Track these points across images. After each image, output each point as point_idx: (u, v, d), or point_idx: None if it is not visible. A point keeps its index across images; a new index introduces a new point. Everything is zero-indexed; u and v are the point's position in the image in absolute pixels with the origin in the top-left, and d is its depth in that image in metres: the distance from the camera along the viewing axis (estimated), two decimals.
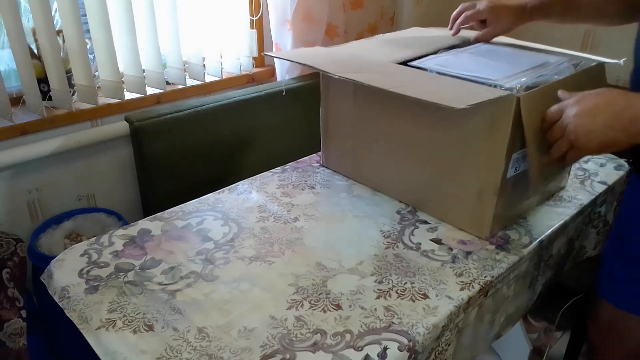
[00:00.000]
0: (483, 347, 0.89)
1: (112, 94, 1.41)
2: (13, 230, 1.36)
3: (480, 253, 0.88)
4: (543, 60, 0.96)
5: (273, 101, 1.57)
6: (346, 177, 1.13)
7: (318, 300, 0.77)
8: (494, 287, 0.84)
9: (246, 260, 0.86)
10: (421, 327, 0.72)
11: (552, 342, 1.59)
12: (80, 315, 0.75)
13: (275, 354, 0.68)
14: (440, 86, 0.85)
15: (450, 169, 0.92)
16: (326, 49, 1.04)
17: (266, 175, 1.14)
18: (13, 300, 1.15)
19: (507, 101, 0.79)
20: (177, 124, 1.37)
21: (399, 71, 0.94)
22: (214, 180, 1.30)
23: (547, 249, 0.96)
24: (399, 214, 0.99)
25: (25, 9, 1.27)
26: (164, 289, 0.79)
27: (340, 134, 1.10)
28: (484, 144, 0.85)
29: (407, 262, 0.86)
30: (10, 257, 1.19)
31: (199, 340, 0.70)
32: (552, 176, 0.99)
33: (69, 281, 0.81)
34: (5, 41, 1.26)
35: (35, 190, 1.38)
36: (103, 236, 0.92)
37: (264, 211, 1.00)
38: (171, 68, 1.53)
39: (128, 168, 1.52)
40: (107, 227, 1.40)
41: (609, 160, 1.21)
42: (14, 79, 1.34)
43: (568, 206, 1.03)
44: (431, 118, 0.91)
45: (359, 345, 0.69)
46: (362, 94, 1.01)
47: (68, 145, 1.36)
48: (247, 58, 1.67)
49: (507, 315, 0.92)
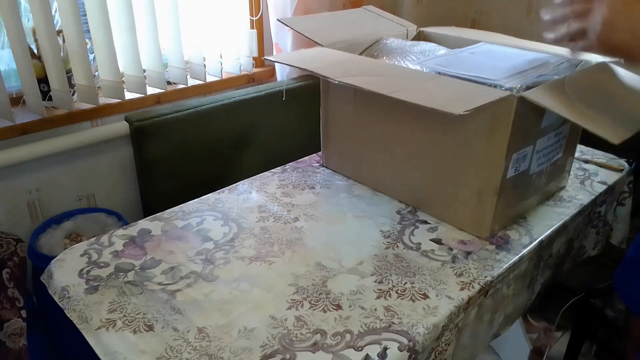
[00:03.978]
0: (482, 346, 0.89)
1: (112, 94, 1.41)
2: (13, 230, 1.36)
3: (480, 253, 0.88)
4: (543, 60, 0.96)
5: (273, 101, 1.57)
6: (346, 177, 1.13)
7: (318, 300, 0.77)
8: (494, 287, 0.84)
9: (246, 260, 0.86)
10: (421, 327, 0.72)
11: (552, 342, 1.59)
12: (80, 315, 0.75)
13: (275, 354, 0.68)
14: (439, 88, 0.85)
15: (450, 169, 0.92)
16: (327, 50, 1.03)
17: (266, 175, 1.14)
18: (13, 300, 1.15)
19: (507, 101, 0.79)
20: (177, 124, 1.37)
21: (398, 73, 0.94)
22: (214, 180, 1.30)
23: (546, 249, 0.96)
24: (399, 214, 0.99)
25: (25, 9, 1.27)
26: (164, 289, 0.79)
27: (341, 135, 1.10)
28: (484, 144, 0.85)
29: (407, 262, 0.86)
30: (10, 257, 1.19)
31: (199, 340, 0.70)
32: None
33: (69, 281, 0.81)
34: (5, 41, 1.26)
35: (35, 190, 1.38)
36: (103, 236, 0.92)
37: (264, 211, 1.00)
38: (172, 68, 1.53)
39: (128, 168, 1.52)
40: (107, 227, 1.40)
41: (609, 160, 1.21)
42: (14, 79, 1.34)
43: (568, 206, 1.03)
44: (431, 119, 0.91)
45: (359, 345, 0.69)
46: (361, 97, 1.01)
47: (68, 145, 1.36)
48: (247, 58, 1.67)
49: (506, 315, 0.92)
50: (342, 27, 1.15)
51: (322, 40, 1.06)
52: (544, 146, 0.93)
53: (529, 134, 0.88)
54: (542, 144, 0.92)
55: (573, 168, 1.13)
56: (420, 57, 1.02)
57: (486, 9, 2.05)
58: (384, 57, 1.06)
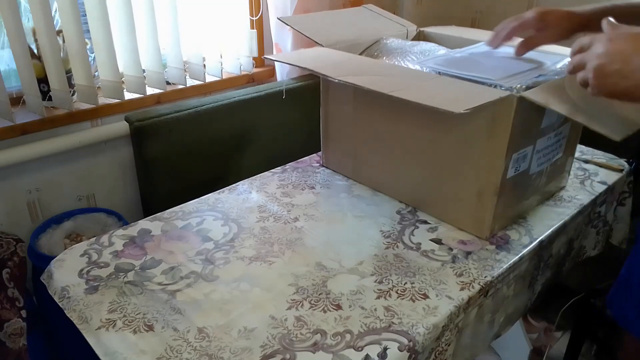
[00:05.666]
0: (482, 346, 0.89)
1: (112, 94, 1.41)
2: (13, 230, 1.36)
3: (480, 253, 0.88)
4: (542, 60, 0.96)
5: (273, 101, 1.57)
6: (346, 177, 1.13)
7: (318, 301, 0.77)
8: (494, 287, 0.84)
9: (246, 260, 0.86)
10: (421, 327, 0.72)
11: (552, 342, 1.59)
12: (80, 315, 0.75)
13: (275, 354, 0.68)
14: (439, 88, 0.85)
15: (450, 169, 0.92)
16: (327, 50, 1.04)
17: (266, 175, 1.14)
18: (13, 300, 1.15)
19: (507, 101, 0.79)
20: (177, 124, 1.37)
21: (398, 72, 0.94)
22: (214, 180, 1.30)
23: (547, 249, 0.96)
24: (399, 214, 0.99)
25: (25, 9, 1.27)
26: (164, 289, 0.79)
27: (341, 135, 1.10)
28: (484, 144, 0.85)
29: (407, 262, 0.86)
30: (10, 257, 1.19)
31: (199, 340, 0.70)
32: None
33: (69, 281, 0.81)
34: (5, 41, 1.26)
35: (35, 190, 1.38)
36: (103, 236, 0.92)
37: (264, 211, 1.00)
38: (171, 68, 1.53)
39: (128, 168, 1.52)
40: (107, 227, 1.40)
41: (609, 160, 1.21)
42: (14, 79, 1.34)
43: (568, 206, 1.03)
44: (431, 119, 0.91)
45: (359, 346, 0.69)
46: (361, 96, 1.01)
47: (68, 145, 1.36)
48: (247, 58, 1.67)
49: (506, 315, 0.92)
50: (342, 27, 1.15)
51: (322, 40, 1.06)
52: (544, 146, 0.93)
53: (529, 134, 0.88)
54: (542, 144, 0.92)
55: (573, 168, 1.13)
56: (420, 57, 1.02)
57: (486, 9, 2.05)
58: (384, 57, 1.06)
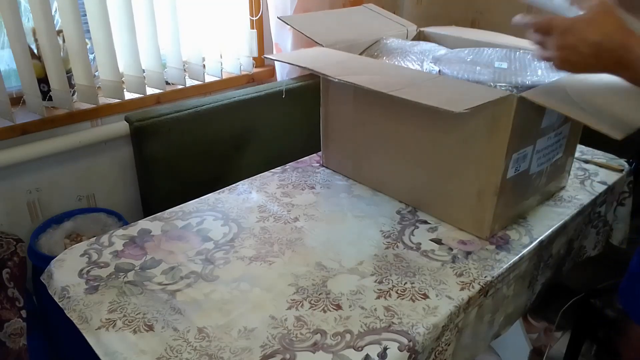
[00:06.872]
0: (482, 346, 0.89)
1: (112, 94, 1.41)
2: (13, 230, 1.36)
3: (480, 253, 0.88)
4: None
5: (273, 101, 1.57)
6: (346, 177, 1.13)
7: (318, 300, 0.77)
8: (494, 287, 0.84)
9: (246, 260, 0.86)
10: (421, 327, 0.72)
11: (552, 342, 1.59)
12: (80, 315, 0.75)
13: (275, 354, 0.68)
14: (439, 87, 0.85)
15: (450, 169, 0.92)
16: (327, 50, 1.04)
17: (266, 175, 1.14)
18: (13, 300, 1.14)
19: (507, 101, 0.79)
20: (177, 124, 1.37)
21: (398, 72, 0.94)
22: (214, 180, 1.30)
23: (547, 249, 0.96)
24: (399, 214, 0.99)
25: (25, 9, 1.27)
26: (164, 289, 0.79)
27: (341, 135, 1.10)
28: (484, 144, 0.85)
29: (407, 262, 0.86)
30: (10, 257, 1.19)
31: (199, 340, 0.70)
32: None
33: (69, 281, 0.81)
34: (5, 41, 1.26)
35: (35, 190, 1.38)
36: (103, 236, 0.92)
37: (264, 211, 1.00)
38: (171, 68, 1.53)
39: (128, 168, 1.52)
40: (107, 227, 1.39)
41: (609, 160, 1.21)
42: (14, 79, 1.34)
43: (568, 206, 1.03)
44: (431, 119, 0.91)
45: (359, 345, 0.69)
46: (361, 96, 1.01)
47: (68, 145, 1.36)
48: (247, 58, 1.67)
49: (506, 315, 0.92)
50: (342, 27, 1.15)
51: (323, 40, 1.06)
52: (544, 146, 0.93)
53: (529, 134, 0.88)
54: (542, 144, 0.92)
55: (573, 168, 1.13)
56: (420, 57, 1.02)
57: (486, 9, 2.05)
58: (384, 57, 1.06)
